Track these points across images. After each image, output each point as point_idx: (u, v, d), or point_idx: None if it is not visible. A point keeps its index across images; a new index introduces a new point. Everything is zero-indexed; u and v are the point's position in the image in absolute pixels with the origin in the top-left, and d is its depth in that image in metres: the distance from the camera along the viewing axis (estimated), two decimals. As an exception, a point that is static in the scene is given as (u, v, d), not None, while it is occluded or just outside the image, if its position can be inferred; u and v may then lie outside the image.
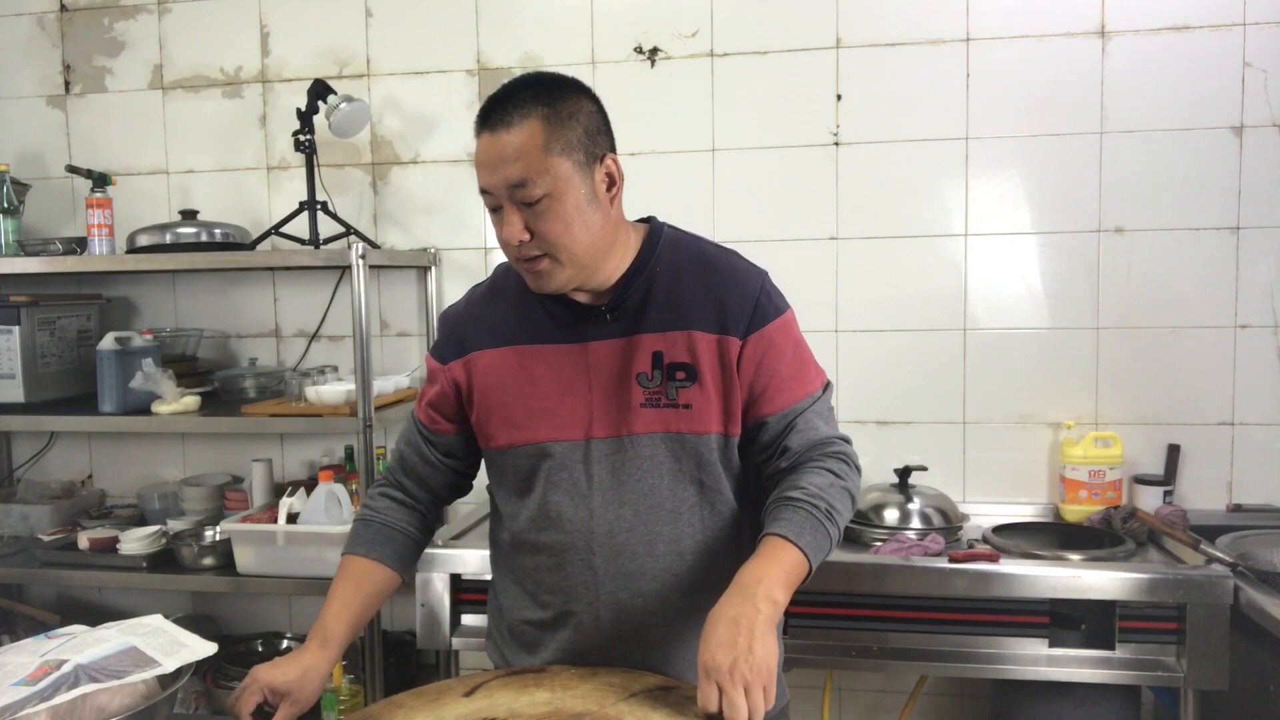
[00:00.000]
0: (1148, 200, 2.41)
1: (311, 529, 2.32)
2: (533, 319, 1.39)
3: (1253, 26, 2.34)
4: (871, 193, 2.51)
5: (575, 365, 1.36)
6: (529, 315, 1.39)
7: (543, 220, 1.25)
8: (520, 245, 1.27)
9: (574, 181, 1.26)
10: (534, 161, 1.23)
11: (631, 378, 1.34)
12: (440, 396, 1.44)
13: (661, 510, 1.34)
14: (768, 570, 1.19)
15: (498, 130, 1.25)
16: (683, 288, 1.36)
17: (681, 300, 1.35)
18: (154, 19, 2.83)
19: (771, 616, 1.14)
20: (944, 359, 2.51)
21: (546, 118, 1.25)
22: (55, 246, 2.56)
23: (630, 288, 1.35)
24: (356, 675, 2.36)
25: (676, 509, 1.35)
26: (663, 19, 2.58)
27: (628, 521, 1.34)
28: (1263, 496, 2.39)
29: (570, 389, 1.35)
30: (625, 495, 1.34)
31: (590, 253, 1.30)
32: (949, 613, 2.00)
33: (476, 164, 1.29)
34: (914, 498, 2.24)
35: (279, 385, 2.65)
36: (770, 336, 1.34)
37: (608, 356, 1.35)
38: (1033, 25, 2.42)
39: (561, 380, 1.36)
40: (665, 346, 1.34)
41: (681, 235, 1.44)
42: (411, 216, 2.75)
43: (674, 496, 1.34)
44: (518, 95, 1.26)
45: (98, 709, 1.11)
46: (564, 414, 1.35)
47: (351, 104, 2.47)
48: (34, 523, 2.67)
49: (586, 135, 1.28)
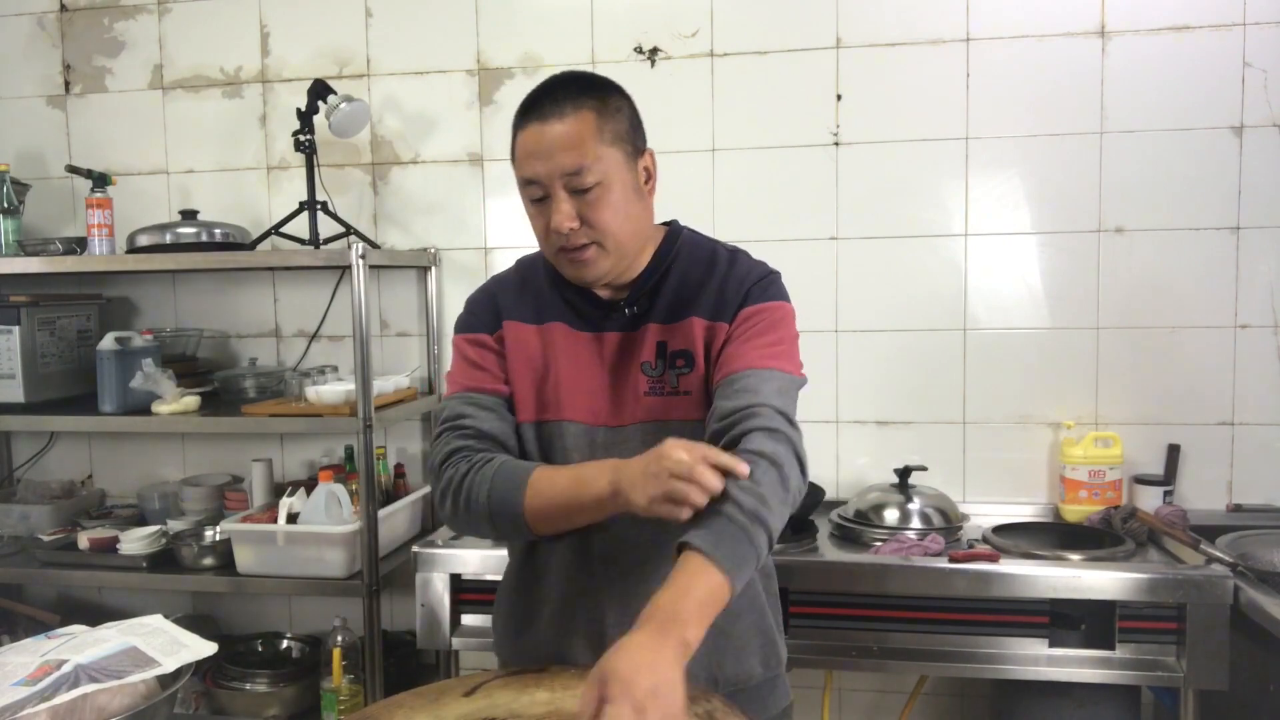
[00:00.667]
0: (1148, 200, 2.41)
1: (311, 529, 2.32)
2: (556, 305, 1.41)
3: (1253, 26, 2.34)
4: (871, 193, 2.51)
5: (591, 353, 1.38)
6: (553, 301, 1.42)
7: (594, 208, 1.28)
8: (570, 233, 1.28)
9: (623, 172, 1.30)
10: (589, 149, 1.26)
11: (636, 367, 1.36)
12: (496, 360, 1.41)
13: None
14: (684, 605, 1.07)
15: (549, 120, 1.27)
16: (690, 281, 1.38)
17: (687, 292, 1.37)
18: (154, 19, 2.83)
19: (683, 658, 1.04)
20: (944, 359, 2.51)
21: (597, 109, 1.29)
22: (55, 246, 2.56)
23: (647, 283, 1.38)
24: (356, 675, 2.36)
25: None
26: (663, 19, 2.58)
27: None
28: (1263, 496, 2.39)
29: (587, 375, 1.37)
30: None
31: (632, 243, 1.33)
32: (949, 613, 2.00)
33: (523, 155, 1.30)
34: (914, 498, 2.24)
35: (279, 385, 2.65)
36: (756, 313, 1.34)
37: (618, 347, 1.37)
38: (1033, 25, 2.42)
39: (579, 366, 1.38)
40: (668, 336, 1.36)
41: (698, 237, 1.46)
42: (411, 216, 2.75)
43: None
44: (565, 89, 1.29)
45: (98, 709, 1.11)
46: (580, 399, 1.37)
47: (351, 104, 2.47)
48: (34, 523, 2.67)
49: (631, 128, 1.33)
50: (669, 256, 1.39)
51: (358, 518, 2.33)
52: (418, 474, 2.78)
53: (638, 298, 1.38)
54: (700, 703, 1.16)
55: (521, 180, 1.32)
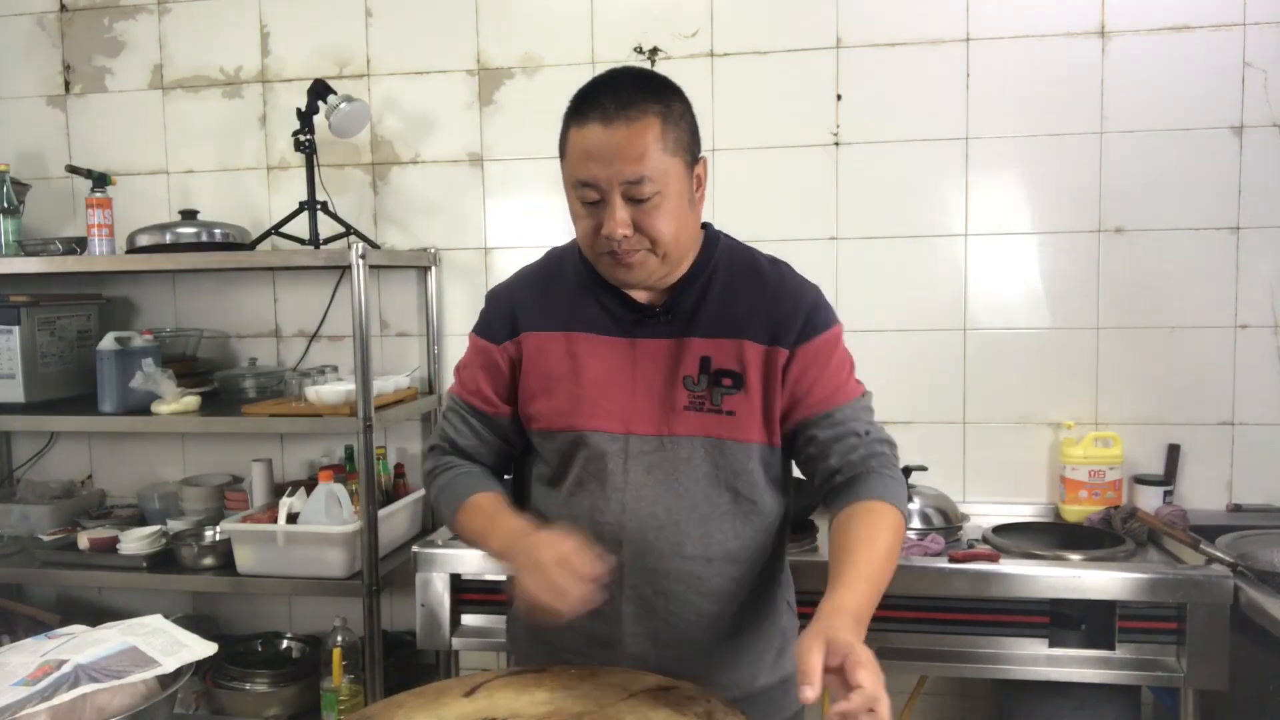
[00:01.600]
0: (1148, 200, 2.41)
1: (311, 529, 2.32)
2: (585, 309, 1.39)
3: (1253, 26, 2.34)
4: (871, 193, 2.51)
5: (622, 359, 1.36)
6: (582, 304, 1.39)
7: (650, 217, 1.27)
8: (623, 239, 1.27)
9: (680, 181, 1.29)
10: (651, 159, 1.24)
11: (678, 380, 1.34)
12: (496, 378, 1.42)
13: (694, 513, 1.34)
14: (863, 605, 1.16)
15: (614, 123, 1.24)
16: (736, 296, 1.36)
17: (734, 308, 1.36)
18: (154, 19, 2.83)
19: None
20: (944, 359, 2.51)
21: (662, 115, 1.26)
22: (55, 246, 2.56)
23: (687, 291, 1.36)
24: (356, 675, 2.36)
25: (709, 514, 1.35)
26: (663, 19, 2.58)
27: (659, 520, 1.34)
28: (1263, 496, 2.39)
29: (614, 383, 1.35)
30: (659, 494, 1.34)
31: (682, 250, 1.33)
32: (949, 613, 2.00)
33: (580, 155, 1.27)
34: (914, 498, 2.24)
35: (279, 385, 2.65)
36: (817, 348, 1.35)
37: (656, 356, 1.35)
38: (1033, 25, 2.42)
39: (607, 372, 1.36)
40: (714, 352, 1.34)
41: (736, 244, 1.44)
42: (411, 216, 2.75)
43: (708, 501, 1.34)
44: (629, 88, 1.26)
45: (98, 709, 1.11)
46: (606, 406, 1.35)
47: (351, 104, 2.47)
48: (34, 523, 2.67)
49: (690, 136, 1.31)
50: (709, 265, 1.37)
51: (358, 518, 2.33)
52: (418, 474, 2.76)
53: (675, 305, 1.36)
54: (699, 703, 1.16)
55: (575, 180, 1.29)
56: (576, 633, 1.36)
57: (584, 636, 1.38)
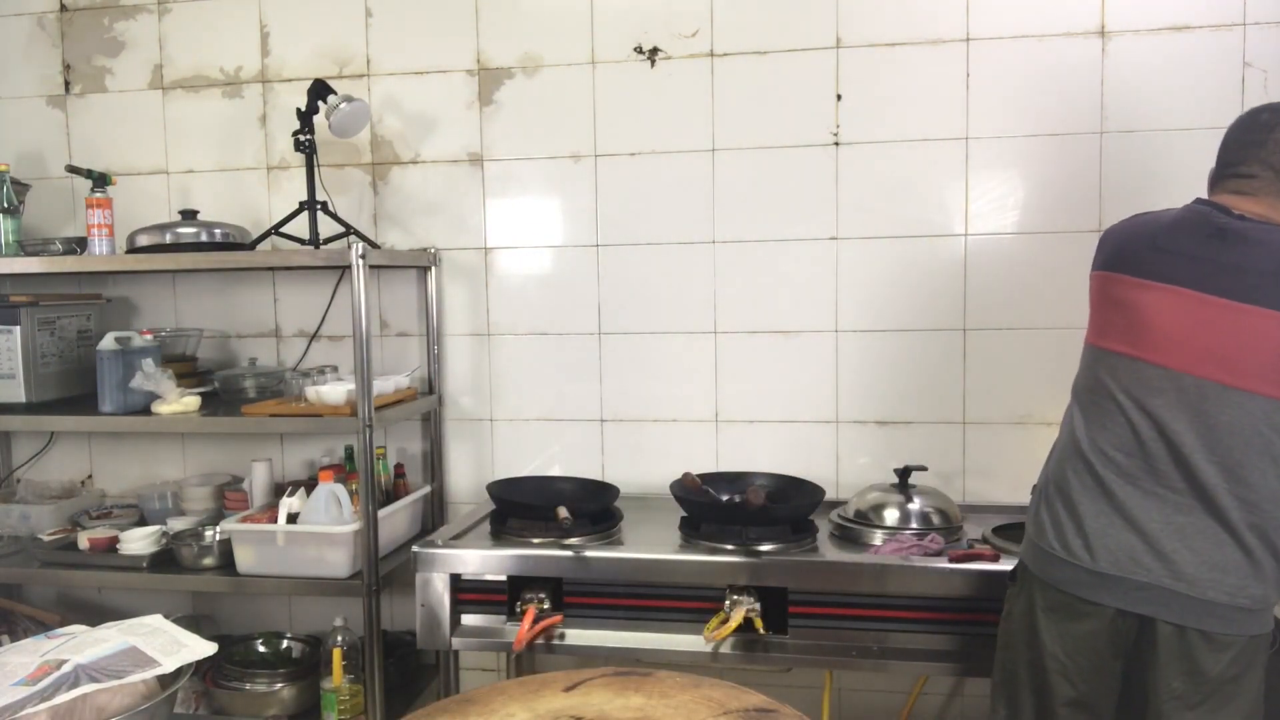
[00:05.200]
0: (1147, 200, 2.38)
1: (311, 529, 2.32)
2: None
3: (1253, 26, 2.34)
4: (871, 193, 2.51)
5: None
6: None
7: None
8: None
9: None
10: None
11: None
12: None
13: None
14: None
15: None
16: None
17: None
18: (154, 19, 2.83)
19: None
20: (944, 359, 2.51)
21: None
22: (55, 246, 2.56)
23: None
24: (356, 675, 2.36)
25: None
26: (663, 19, 2.58)
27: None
28: (1263, 496, 2.38)
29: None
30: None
31: None
32: (949, 613, 2.00)
33: None
34: (914, 498, 2.24)
35: (279, 385, 2.65)
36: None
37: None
38: (1033, 25, 2.42)
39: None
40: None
41: None
42: (411, 216, 2.75)
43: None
44: None
45: (98, 709, 1.11)
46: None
47: (351, 104, 2.47)
48: (34, 523, 2.67)
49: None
50: None
51: (358, 518, 2.33)
52: (418, 474, 2.78)
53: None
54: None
55: None
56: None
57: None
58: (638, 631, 2.11)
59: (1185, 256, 1.60)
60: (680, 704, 1.19)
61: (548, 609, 2.11)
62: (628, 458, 2.68)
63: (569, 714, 1.15)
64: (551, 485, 2.52)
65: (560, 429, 2.71)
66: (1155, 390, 1.59)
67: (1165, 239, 1.64)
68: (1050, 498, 1.69)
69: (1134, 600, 1.56)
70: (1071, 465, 1.67)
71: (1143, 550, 1.56)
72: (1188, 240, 1.62)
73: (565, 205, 2.67)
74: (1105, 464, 1.62)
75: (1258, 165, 1.62)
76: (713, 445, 2.64)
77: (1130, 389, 1.61)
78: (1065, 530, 1.64)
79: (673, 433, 2.65)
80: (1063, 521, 1.65)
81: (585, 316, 2.67)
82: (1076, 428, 1.69)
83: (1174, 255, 1.62)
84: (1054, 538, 1.65)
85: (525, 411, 2.72)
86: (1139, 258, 1.65)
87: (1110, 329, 1.68)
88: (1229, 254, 1.57)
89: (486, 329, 2.71)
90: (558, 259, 2.68)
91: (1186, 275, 1.58)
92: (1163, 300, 1.60)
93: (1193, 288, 1.57)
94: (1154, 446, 1.58)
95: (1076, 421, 1.70)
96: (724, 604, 2.03)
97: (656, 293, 2.63)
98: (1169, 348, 1.58)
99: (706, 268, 2.59)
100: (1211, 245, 1.58)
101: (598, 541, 2.20)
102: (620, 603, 2.12)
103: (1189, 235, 1.62)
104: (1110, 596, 1.58)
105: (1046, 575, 1.66)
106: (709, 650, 2.04)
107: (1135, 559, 1.56)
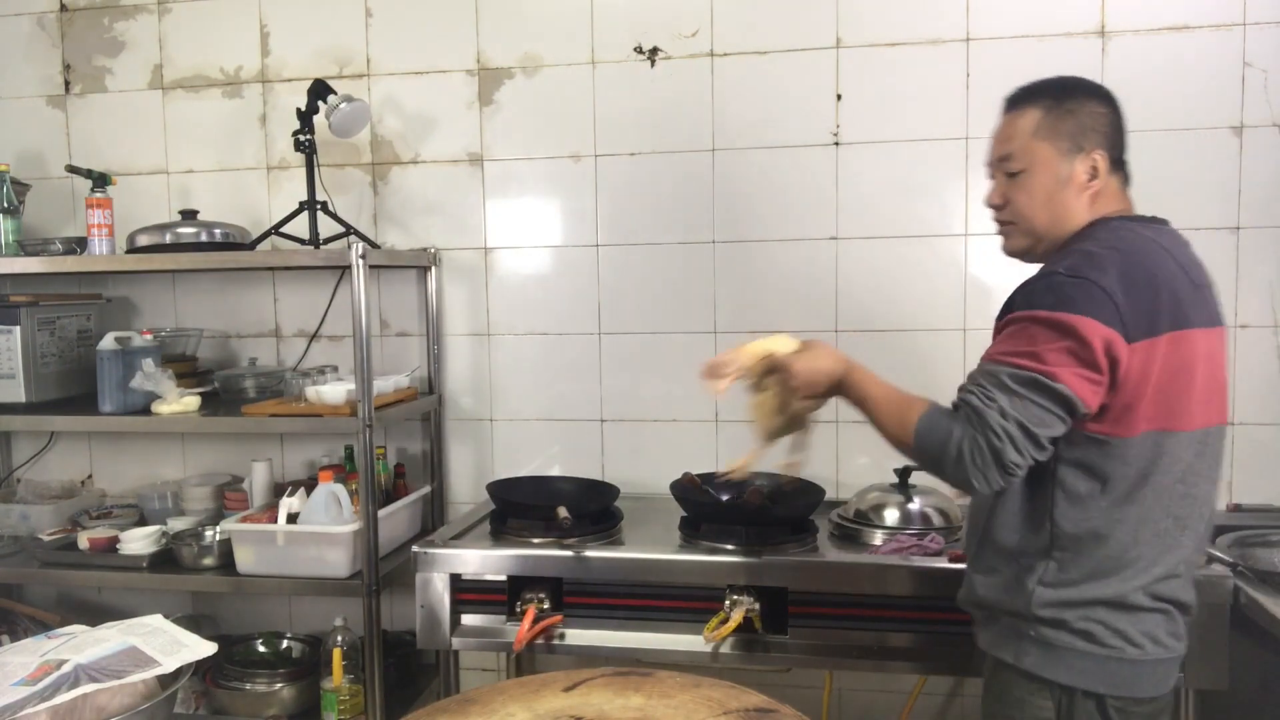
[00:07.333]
0: (1148, 200, 2.37)
1: (311, 529, 2.32)
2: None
3: (1253, 26, 2.34)
4: (871, 193, 2.51)
5: None
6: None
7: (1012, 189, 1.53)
8: (994, 210, 1.59)
9: (1050, 165, 1.49)
10: (1019, 142, 1.52)
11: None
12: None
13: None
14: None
15: (1008, 112, 1.57)
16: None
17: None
18: (154, 19, 2.83)
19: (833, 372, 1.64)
20: (944, 359, 2.51)
21: (1047, 108, 1.51)
22: (55, 246, 2.56)
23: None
24: (356, 675, 2.36)
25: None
26: (663, 19, 2.58)
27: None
28: (1263, 496, 2.39)
29: None
30: None
31: (1046, 228, 1.52)
32: (949, 613, 1.99)
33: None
34: (914, 498, 2.24)
35: (279, 385, 2.65)
36: (1004, 325, 1.55)
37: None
38: (1033, 25, 2.42)
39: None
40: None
41: (1112, 233, 1.49)
42: (411, 216, 2.75)
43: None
44: (1036, 87, 1.55)
45: (98, 709, 1.11)
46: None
47: (351, 104, 2.47)
48: (34, 523, 2.67)
49: (1079, 129, 1.50)
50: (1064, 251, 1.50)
51: (358, 518, 2.33)
52: (418, 474, 2.78)
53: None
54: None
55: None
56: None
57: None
58: (637, 631, 2.11)
59: (1210, 288, 1.50)
60: (680, 704, 1.19)
61: (548, 609, 2.11)
62: (628, 458, 2.68)
63: (569, 714, 1.15)
64: (551, 485, 2.52)
65: (560, 429, 2.71)
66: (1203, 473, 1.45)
67: (1195, 272, 1.48)
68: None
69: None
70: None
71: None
72: (1199, 269, 1.50)
73: (565, 205, 2.67)
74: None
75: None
76: (713, 445, 2.64)
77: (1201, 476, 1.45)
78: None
79: (673, 433, 2.65)
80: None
81: (585, 316, 2.68)
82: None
83: (1205, 289, 1.48)
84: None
85: (525, 411, 2.72)
86: (1190, 301, 1.43)
87: (1182, 399, 1.40)
88: (1203, 274, 1.50)
89: (486, 329, 2.72)
90: (558, 259, 2.68)
91: (1216, 310, 1.49)
92: (1210, 345, 1.44)
93: (1220, 323, 1.49)
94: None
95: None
96: (724, 604, 2.03)
97: (656, 293, 2.63)
98: (1205, 400, 1.43)
99: (706, 268, 2.59)
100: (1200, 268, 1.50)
101: (598, 541, 2.20)
102: (620, 603, 2.12)
103: (1195, 261, 1.51)
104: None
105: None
106: (709, 650, 2.04)
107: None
